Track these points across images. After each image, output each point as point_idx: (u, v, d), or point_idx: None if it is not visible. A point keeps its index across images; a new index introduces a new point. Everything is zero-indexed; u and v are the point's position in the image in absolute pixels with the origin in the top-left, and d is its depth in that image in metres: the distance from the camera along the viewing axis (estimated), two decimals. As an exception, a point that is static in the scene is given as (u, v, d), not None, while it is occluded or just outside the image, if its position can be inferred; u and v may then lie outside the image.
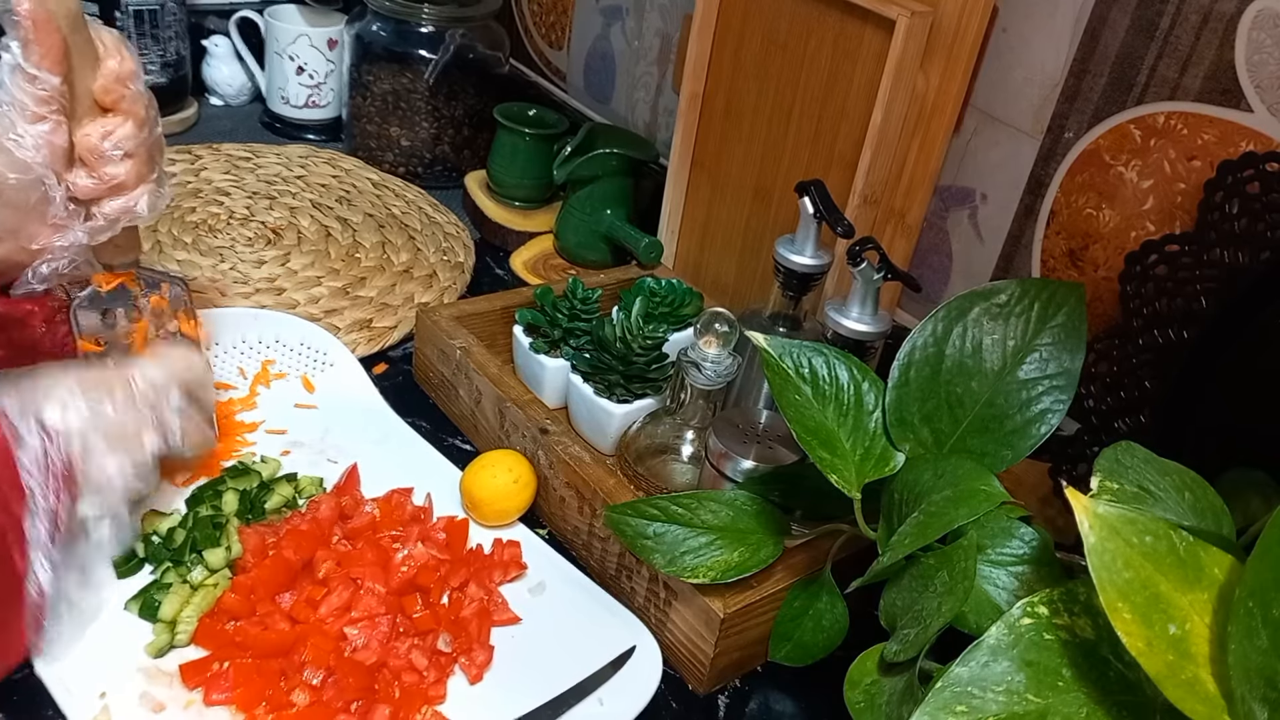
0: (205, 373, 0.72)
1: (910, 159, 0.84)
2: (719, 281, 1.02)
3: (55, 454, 0.59)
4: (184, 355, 0.71)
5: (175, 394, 0.68)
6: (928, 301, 0.93)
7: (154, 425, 0.66)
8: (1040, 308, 0.66)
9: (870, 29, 0.80)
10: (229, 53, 1.35)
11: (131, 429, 0.65)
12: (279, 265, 1.03)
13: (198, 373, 0.71)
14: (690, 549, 0.66)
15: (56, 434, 0.60)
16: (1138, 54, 0.75)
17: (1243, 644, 0.43)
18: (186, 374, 0.70)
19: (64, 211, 0.64)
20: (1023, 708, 0.47)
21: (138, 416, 0.65)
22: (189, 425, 0.70)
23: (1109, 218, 0.79)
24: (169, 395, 0.68)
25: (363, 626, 0.67)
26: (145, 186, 0.67)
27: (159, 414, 0.67)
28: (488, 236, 1.18)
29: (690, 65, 0.96)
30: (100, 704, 0.61)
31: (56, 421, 0.61)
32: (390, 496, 0.77)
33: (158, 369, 0.68)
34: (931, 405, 0.66)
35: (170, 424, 0.68)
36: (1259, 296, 0.67)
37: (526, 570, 0.75)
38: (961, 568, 0.56)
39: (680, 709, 0.69)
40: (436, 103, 1.23)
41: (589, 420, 0.85)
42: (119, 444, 0.64)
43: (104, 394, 0.64)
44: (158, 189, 0.69)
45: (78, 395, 0.62)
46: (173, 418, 0.68)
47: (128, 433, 0.65)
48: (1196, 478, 0.57)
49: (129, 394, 0.65)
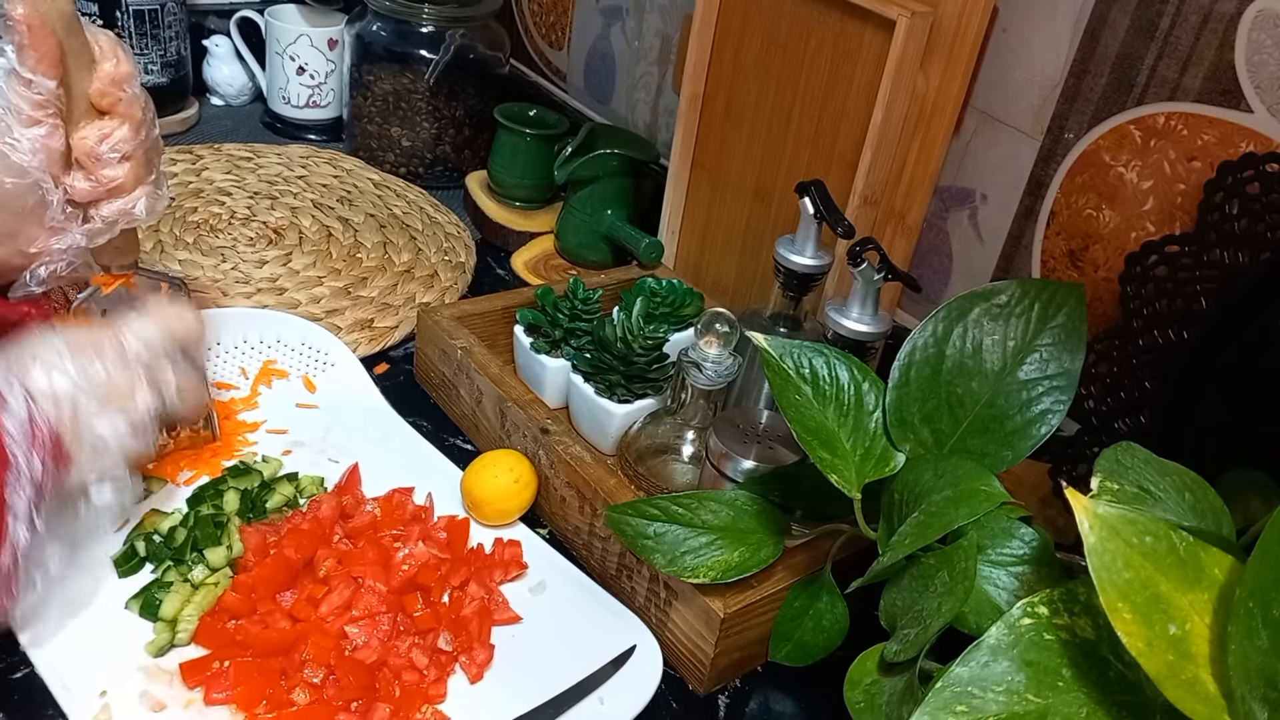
0: (198, 327, 0.70)
1: (910, 159, 0.84)
2: (719, 282, 1.02)
3: (41, 420, 0.58)
4: (177, 311, 0.69)
5: (169, 350, 0.66)
6: (928, 302, 0.93)
7: (148, 383, 0.64)
8: (1040, 308, 0.66)
9: (870, 29, 0.81)
10: (229, 53, 1.35)
11: (124, 388, 0.63)
12: (280, 265, 1.03)
13: (191, 327, 0.69)
14: (691, 549, 0.66)
15: (43, 398, 0.59)
16: (1138, 54, 0.75)
17: (1243, 644, 0.43)
18: (180, 328, 0.67)
19: (61, 215, 0.64)
20: (1023, 708, 0.47)
21: (130, 374, 0.63)
22: (184, 382, 0.67)
23: (1109, 218, 0.79)
24: (162, 351, 0.66)
25: (363, 625, 0.67)
26: (143, 189, 0.67)
27: (153, 371, 0.65)
28: (489, 237, 1.18)
29: (690, 65, 0.96)
30: (100, 702, 0.61)
31: (44, 386, 0.59)
32: (391, 496, 0.77)
33: (149, 325, 0.66)
34: (932, 405, 0.66)
35: (165, 380, 0.65)
36: (1259, 297, 0.67)
37: (527, 570, 0.75)
38: (961, 568, 0.56)
39: (680, 709, 0.69)
40: (437, 103, 1.23)
41: (590, 420, 0.85)
42: (112, 403, 0.62)
43: (93, 354, 0.62)
44: (156, 191, 0.68)
45: (65, 357, 0.61)
46: (168, 374, 0.66)
47: (120, 392, 0.62)
48: (1196, 478, 0.57)
49: (120, 352, 0.63)
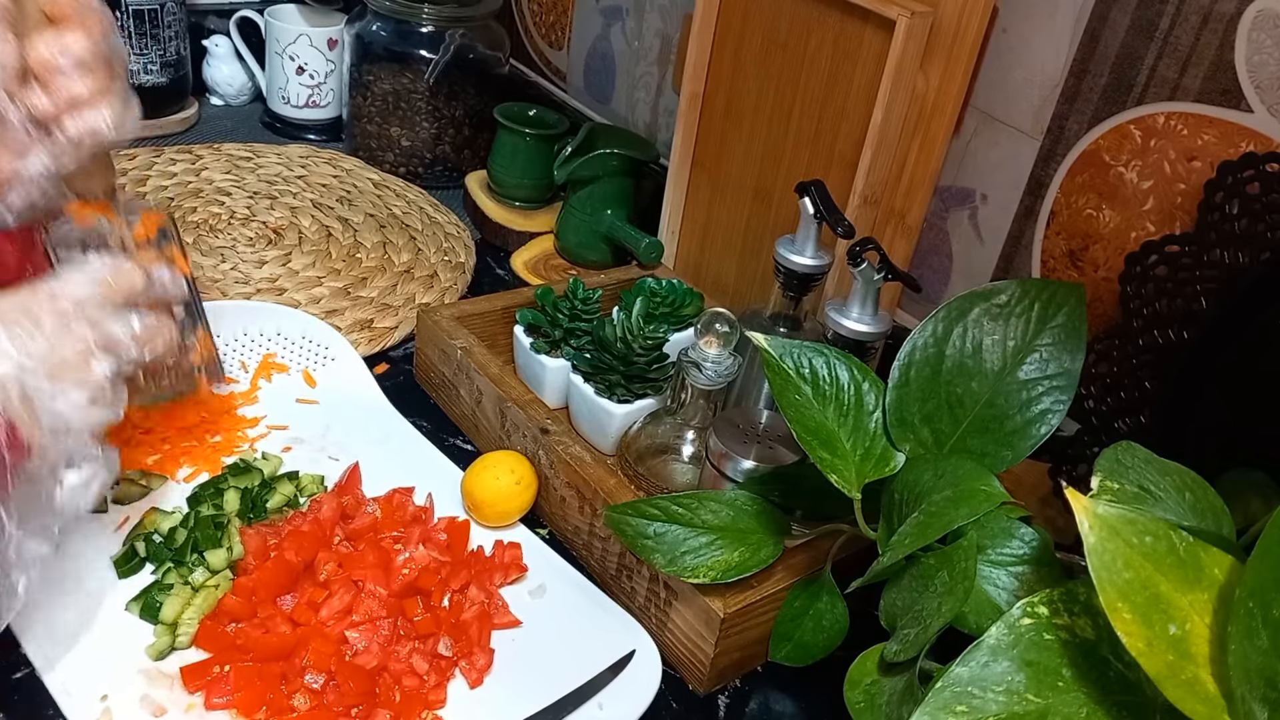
0: (138, 278, 0.63)
1: (910, 159, 0.84)
2: (719, 282, 1.02)
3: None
4: (109, 263, 0.63)
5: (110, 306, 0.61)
6: (928, 302, 0.93)
7: (98, 346, 0.59)
8: (1040, 308, 0.66)
9: (870, 29, 0.80)
10: (229, 52, 1.35)
11: (72, 356, 0.57)
12: (280, 265, 1.03)
13: (129, 279, 0.62)
14: (691, 549, 0.66)
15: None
16: (1138, 54, 0.75)
17: (1243, 644, 0.43)
18: (118, 281, 0.62)
19: (25, 134, 0.59)
20: (1023, 708, 0.47)
21: (75, 340, 0.58)
22: (144, 332, 0.62)
23: (1109, 218, 0.79)
24: (104, 306, 0.60)
25: (364, 630, 0.67)
26: (107, 100, 0.61)
27: (100, 329, 0.59)
28: (488, 237, 1.18)
29: (690, 65, 0.96)
30: (101, 706, 0.61)
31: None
32: (391, 496, 0.77)
33: (80, 281, 0.60)
34: (932, 405, 0.66)
35: (115, 339, 0.60)
36: (1259, 297, 0.67)
37: (527, 572, 0.75)
38: (961, 568, 0.56)
39: (680, 709, 0.69)
40: (437, 103, 1.23)
41: (590, 420, 0.85)
42: (63, 377, 0.57)
43: (30, 325, 0.56)
44: (123, 105, 0.62)
45: (1, 336, 0.55)
46: (116, 330, 0.60)
47: (70, 362, 0.57)
48: (1196, 478, 0.57)
49: (59, 317, 0.58)
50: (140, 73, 1.21)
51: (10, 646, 0.64)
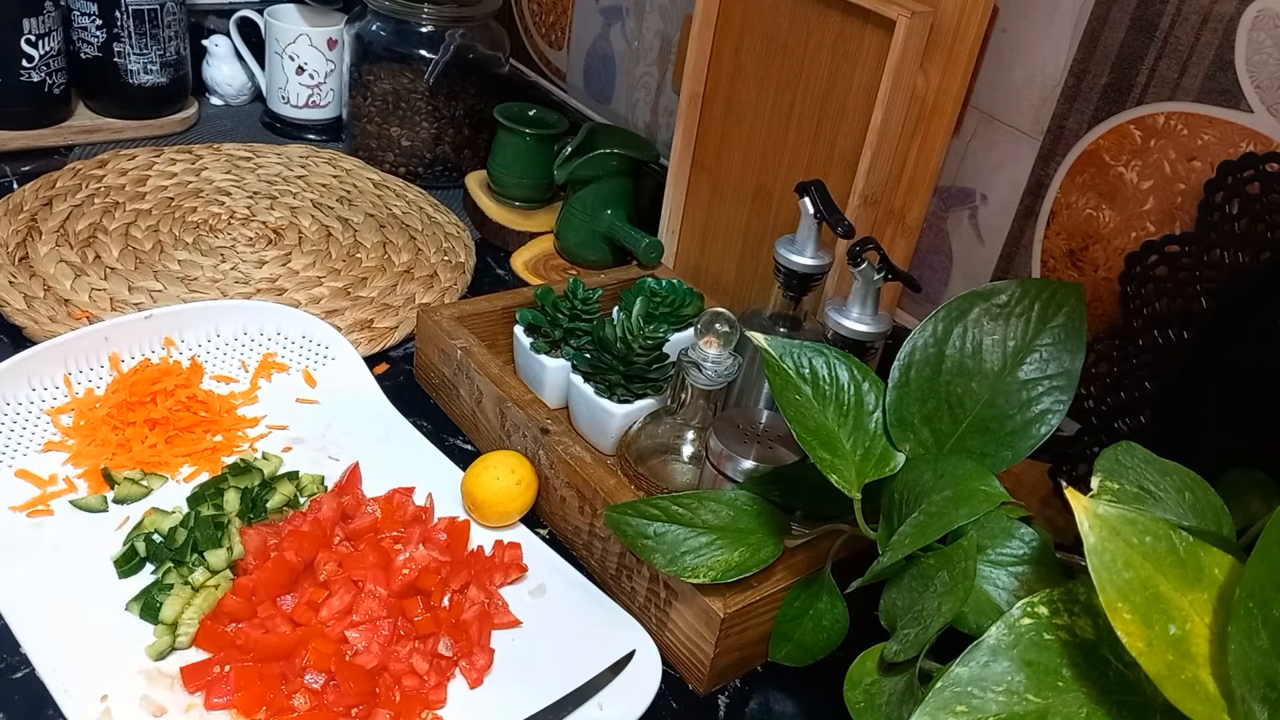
0: None
1: (910, 159, 0.84)
2: (719, 282, 1.02)
3: None
4: None
5: None
6: (928, 302, 0.93)
7: None
8: (1040, 308, 0.66)
9: (870, 29, 0.80)
10: (229, 52, 1.35)
11: None
12: (280, 265, 1.03)
13: None
14: (691, 549, 0.66)
15: None
16: (1138, 54, 0.75)
17: (1243, 644, 0.43)
18: None
19: None
20: (1023, 708, 0.47)
21: None
22: None
23: (1109, 218, 0.79)
24: None
25: (364, 630, 0.67)
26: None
27: None
28: (488, 237, 1.18)
29: (690, 66, 0.96)
30: (101, 707, 0.61)
31: None
32: (391, 496, 0.77)
33: None
34: (932, 405, 0.66)
35: None
36: (1259, 296, 0.67)
37: (527, 572, 0.75)
38: (961, 568, 0.56)
39: (680, 709, 0.69)
40: (437, 103, 1.23)
41: (590, 420, 0.85)
42: None
43: None
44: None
45: None
46: None
47: None
48: (1196, 478, 0.57)
49: None
50: (140, 73, 1.21)
51: (10, 646, 0.64)
